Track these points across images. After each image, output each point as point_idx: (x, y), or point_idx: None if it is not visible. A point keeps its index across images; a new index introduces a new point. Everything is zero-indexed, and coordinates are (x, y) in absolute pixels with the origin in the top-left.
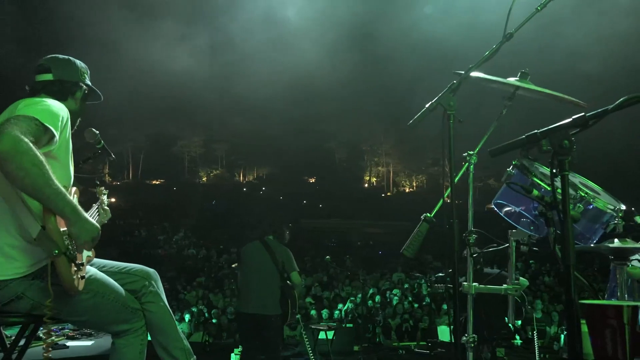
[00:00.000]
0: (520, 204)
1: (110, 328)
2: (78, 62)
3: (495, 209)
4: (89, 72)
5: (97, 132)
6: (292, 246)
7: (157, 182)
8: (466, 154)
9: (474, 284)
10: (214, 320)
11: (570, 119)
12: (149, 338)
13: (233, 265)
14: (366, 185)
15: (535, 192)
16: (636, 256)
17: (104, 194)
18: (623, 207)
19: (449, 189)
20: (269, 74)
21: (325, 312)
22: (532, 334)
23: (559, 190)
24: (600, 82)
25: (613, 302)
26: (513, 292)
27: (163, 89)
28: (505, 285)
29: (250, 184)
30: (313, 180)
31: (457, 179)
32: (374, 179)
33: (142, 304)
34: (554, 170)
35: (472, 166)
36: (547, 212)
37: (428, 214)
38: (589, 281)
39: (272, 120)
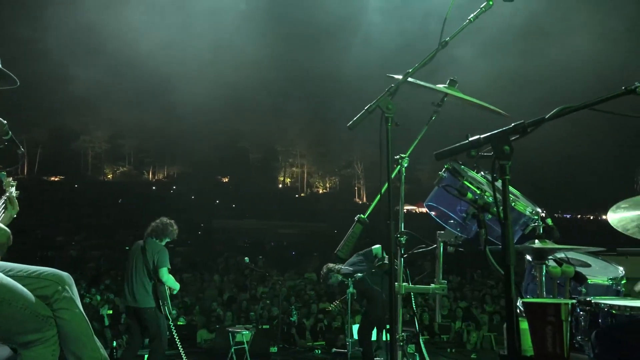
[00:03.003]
0: (449, 205)
1: (17, 338)
2: None
3: (427, 210)
4: None
5: (5, 122)
6: (205, 246)
7: (55, 179)
8: (398, 156)
9: (404, 284)
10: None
11: (511, 126)
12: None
13: None
14: (280, 185)
15: (469, 194)
16: (551, 256)
17: (12, 186)
18: (539, 210)
19: (383, 190)
20: (182, 69)
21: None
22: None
23: (489, 193)
24: None
25: (552, 300)
26: (440, 291)
27: (64, 79)
28: (432, 285)
29: (160, 183)
30: (226, 180)
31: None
32: (288, 179)
33: (55, 311)
34: (494, 174)
35: (404, 168)
36: (479, 214)
37: (362, 215)
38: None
39: (184, 117)
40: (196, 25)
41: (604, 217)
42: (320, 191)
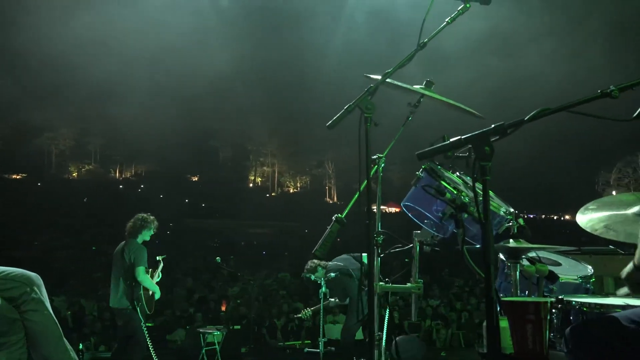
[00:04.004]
0: (425, 205)
1: None
2: None
3: (404, 210)
4: None
5: None
6: (174, 246)
7: (17, 177)
8: (376, 156)
9: (380, 283)
10: None
11: (492, 127)
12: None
13: None
14: (251, 185)
15: (448, 195)
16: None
17: None
18: (512, 209)
19: (362, 187)
20: (152, 65)
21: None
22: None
23: (465, 193)
24: None
25: (532, 298)
26: (416, 290)
27: (28, 74)
28: (409, 284)
29: (127, 181)
30: (196, 179)
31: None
32: (259, 178)
33: (23, 312)
34: (475, 175)
35: (381, 168)
36: (457, 214)
37: (339, 215)
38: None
39: (154, 115)
40: (168, 21)
41: (567, 217)
42: (291, 190)
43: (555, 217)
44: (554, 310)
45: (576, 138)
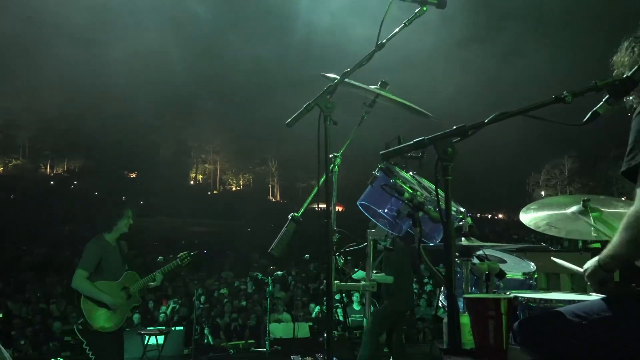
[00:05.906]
0: (380, 204)
1: None
2: None
3: (361, 209)
4: None
5: None
6: None
7: None
8: (332, 155)
9: (336, 281)
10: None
11: (454, 128)
12: None
13: None
14: (192, 182)
15: (406, 194)
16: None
17: None
18: (462, 209)
19: (320, 182)
20: (87, 54)
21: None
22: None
23: (420, 192)
24: None
25: (492, 295)
26: (370, 288)
27: None
28: (363, 282)
29: (59, 177)
30: (134, 176)
31: (322, 180)
32: (200, 176)
33: None
34: (437, 175)
35: (336, 167)
36: (414, 213)
37: (295, 214)
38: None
39: (88, 107)
40: (112, 13)
41: (500, 216)
42: (234, 188)
43: (489, 216)
44: None
45: (507, 140)
